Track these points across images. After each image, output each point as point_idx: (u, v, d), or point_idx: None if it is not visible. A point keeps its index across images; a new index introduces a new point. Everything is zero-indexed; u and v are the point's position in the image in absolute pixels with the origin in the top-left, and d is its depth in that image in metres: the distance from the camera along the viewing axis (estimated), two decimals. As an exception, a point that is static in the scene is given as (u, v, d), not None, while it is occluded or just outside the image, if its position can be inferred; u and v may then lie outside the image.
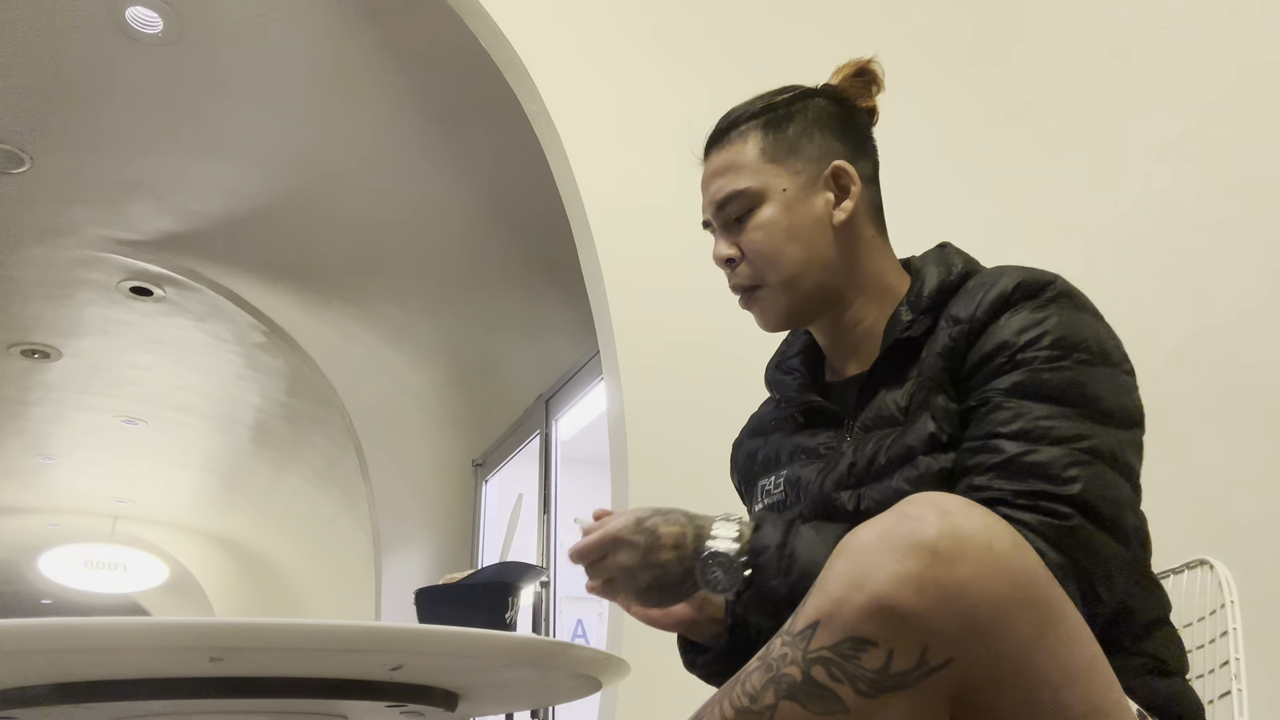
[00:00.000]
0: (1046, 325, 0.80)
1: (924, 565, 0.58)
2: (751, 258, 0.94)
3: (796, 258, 0.93)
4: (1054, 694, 0.60)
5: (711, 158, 1.00)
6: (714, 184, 0.98)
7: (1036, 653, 0.59)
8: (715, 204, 0.97)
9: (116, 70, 2.83)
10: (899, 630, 0.58)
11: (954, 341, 0.84)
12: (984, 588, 0.58)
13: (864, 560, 0.60)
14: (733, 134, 0.98)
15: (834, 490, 0.87)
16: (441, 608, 1.01)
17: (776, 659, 0.61)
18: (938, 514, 0.61)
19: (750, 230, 0.94)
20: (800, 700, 0.59)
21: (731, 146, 0.98)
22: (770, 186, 0.94)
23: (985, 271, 0.90)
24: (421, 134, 3.07)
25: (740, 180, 0.95)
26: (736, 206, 0.95)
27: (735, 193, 0.95)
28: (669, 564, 0.83)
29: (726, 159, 0.98)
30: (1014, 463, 0.75)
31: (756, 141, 0.96)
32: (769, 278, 0.94)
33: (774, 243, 0.93)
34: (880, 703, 0.58)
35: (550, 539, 3.78)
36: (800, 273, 0.93)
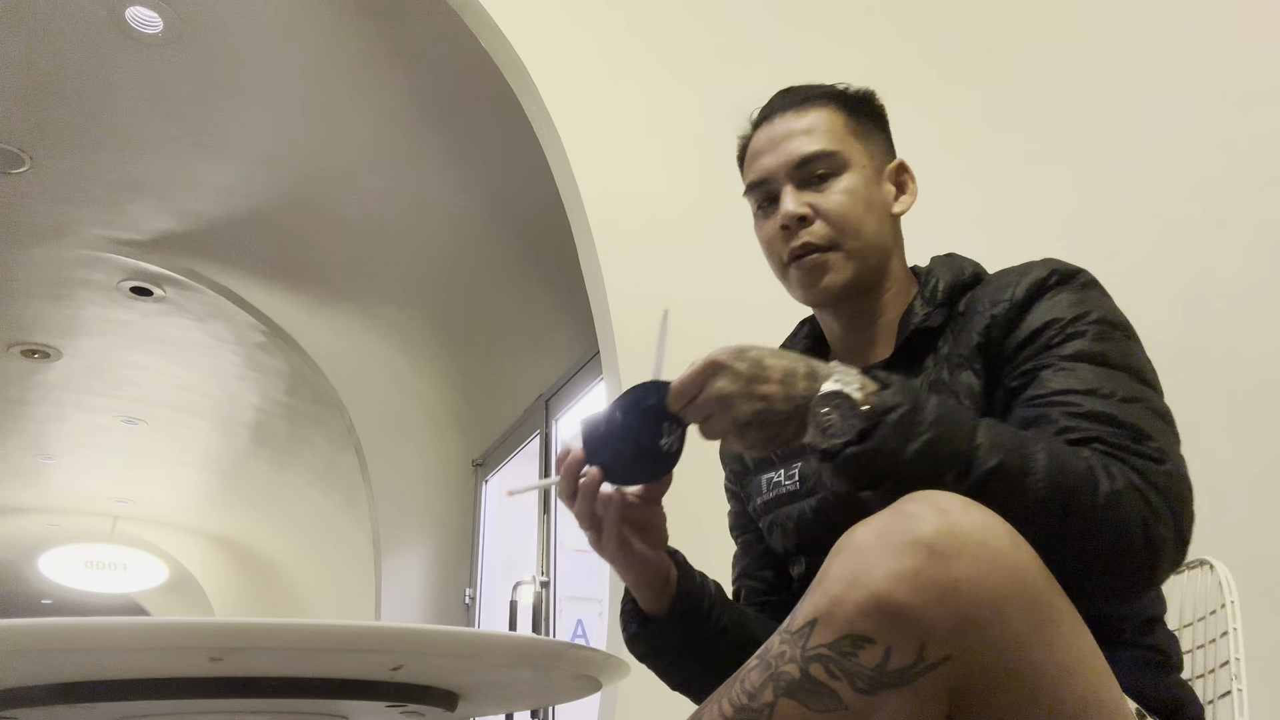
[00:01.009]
0: (1089, 304, 0.84)
1: (921, 562, 0.59)
2: (833, 219, 0.94)
3: (872, 231, 0.96)
4: (1051, 690, 0.60)
5: (783, 119, 0.99)
6: (792, 142, 0.97)
7: (1034, 649, 0.60)
8: (793, 160, 0.96)
9: (116, 70, 2.83)
10: (896, 627, 0.58)
11: (993, 320, 0.87)
12: (981, 584, 0.59)
13: (861, 558, 0.61)
14: (813, 102, 0.99)
15: None
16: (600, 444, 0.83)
17: (775, 657, 0.62)
18: (935, 511, 0.61)
19: (834, 192, 0.95)
20: (799, 698, 0.59)
21: (813, 112, 0.98)
22: (854, 158, 0.97)
23: (1010, 266, 0.93)
24: (421, 134, 3.07)
25: (828, 143, 0.96)
26: (820, 166, 0.95)
27: (822, 153, 0.96)
28: (774, 398, 0.74)
29: (809, 122, 0.98)
30: (1096, 415, 0.75)
31: (839, 115, 0.99)
32: (845, 242, 0.94)
33: (857, 210, 0.95)
34: (878, 699, 0.58)
35: (550, 539, 3.78)
36: (870, 246, 0.96)
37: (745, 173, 1.03)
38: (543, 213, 2.94)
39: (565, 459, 0.83)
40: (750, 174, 1.01)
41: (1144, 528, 0.68)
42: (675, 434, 0.81)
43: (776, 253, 0.98)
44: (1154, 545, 0.69)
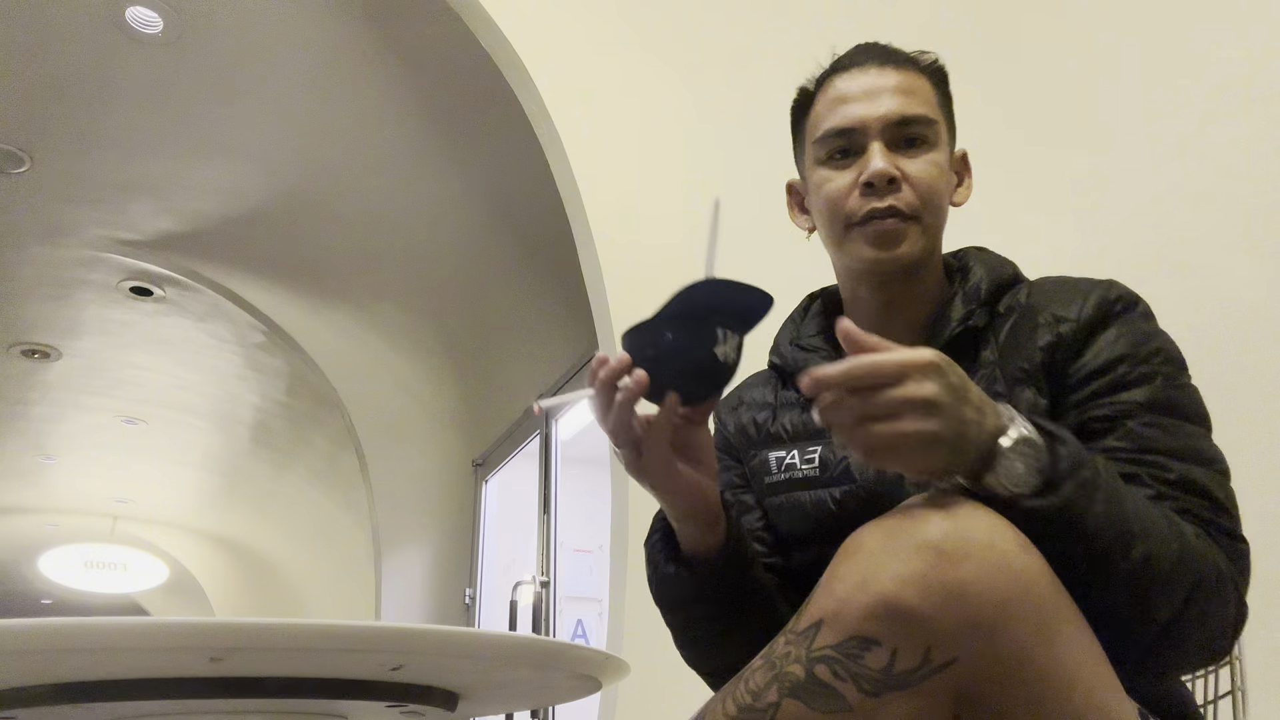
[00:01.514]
0: (1158, 340, 0.83)
1: (929, 565, 0.58)
2: (921, 189, 0.89)
3: (944, 211, 0.93)
4: (1057, 694, 0.60)
5: (879, 71, 0.92)
6: (891, 98, 0.90)
7: (1040, 653, 0.59)
8: (892, 116, 0.90)
9: (116, 70, 2.83)
10: (903, 630, 0.58)
11: (1059, 340, 0.84)
12: (988, 588, 0.58)
13: (869, 560, 0.60)
14: (909, 65, 0.93)
15: (899, 476, 0.84)
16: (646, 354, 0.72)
17: (780, 657, 0.62)
18: (943, 514, 0.61)
19: (927, 162, 0.90)
20: (803, 699, 0.59)
21: (913, 75, 0.93)
22: (942, 134, 0.93)
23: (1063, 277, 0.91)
24: (421, 134, 3.07)
25: (928, 110, 0.91)
26: (916, 131, 0.90)
27: (924, 118, 0.91)
28: (970, 424, 0.65)
29: (911, 82, 0.92)
30: (1186, 484, 0.75)
31: (932, 89, 0.94)
32: (926, 216, 0.90)
33: (940, 185, 0.91)
34: (883, 702, 0.58)
35: (550, 539, 3.78)
36: (939, 229, 0.92)
37: (818, 118, 0.94)
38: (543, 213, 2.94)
39: (602, 368, 0.73)
40: (832, 120, 0.92)
41: (1236, 609, 0.72)
42: (732, 343, 0.72)
43: (844, 209, 0.90)
44: (1237, 627, 0.73)
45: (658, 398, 0.73)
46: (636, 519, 2.05)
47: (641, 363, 0.71)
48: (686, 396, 0.74)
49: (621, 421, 0.74)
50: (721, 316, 0.72)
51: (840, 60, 0.96)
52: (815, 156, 0.94)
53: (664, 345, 0.71)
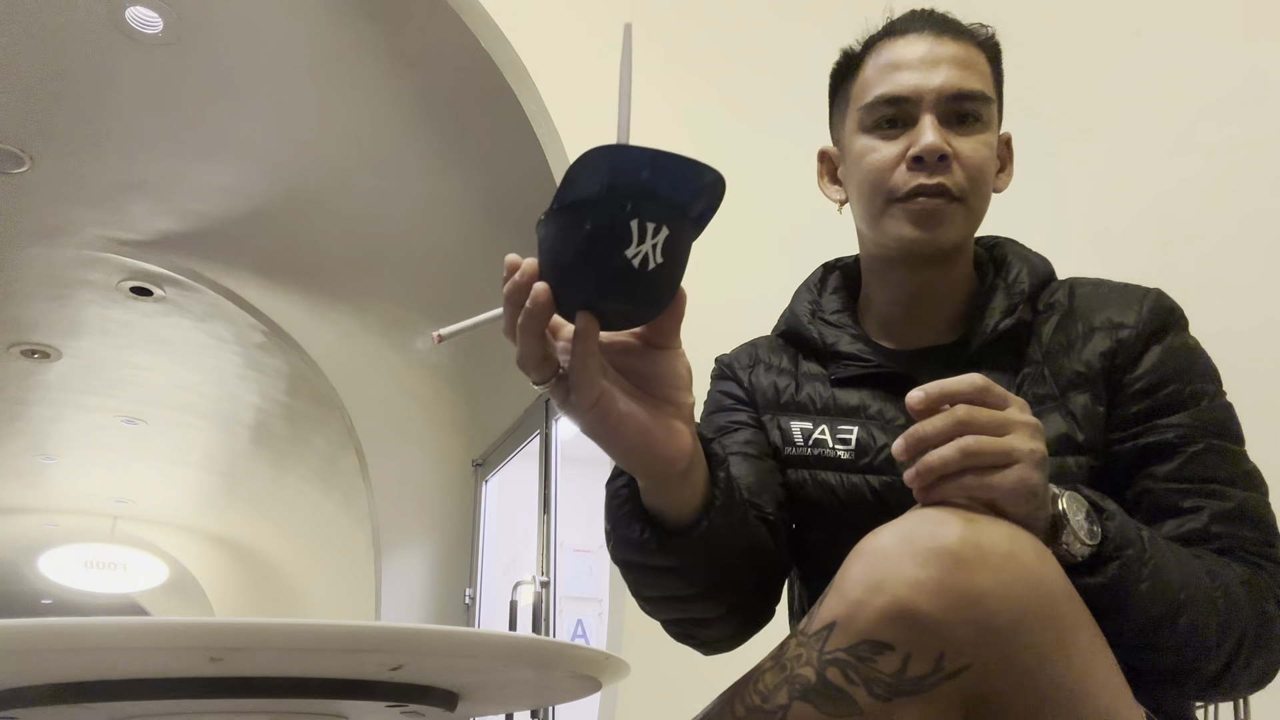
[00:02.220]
0: (1205, 358, 0.84)
1: (945, 571, 0.58)
2: (971, 170, 0.85)
3: (989, 197, 0.89)
4: (1069, 704, 0.59)
5: (937, 39, 0.87)
6: (950, 69, 0.85)
7: (1054, 663, 0.59)
8: (949, 89, 0.85)
9: (116, 70, 2.83)
10: (917, 635, 0.57)
11: (1119, 346, 0.83)
12: (1005, 596, 0.58)
13: (884, 563, 0.60)
14: (967, 38, 0.89)
15: None
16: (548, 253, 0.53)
17: (791, 659, 0.61)
18: (960, 519, 0.60)
19: (979, 143, 0.85)
20: (814, 701, 0.59)
21: (971, 47, 0.88)
22: (994, 115, 0.88)
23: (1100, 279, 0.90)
24: (421, 134, 3.07)
25: (985, 86, 0.87)
26: (972, 108, 0.86)
27: (981, 94, 0.86)
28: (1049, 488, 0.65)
29: (969, 55, 0.87)
30: (1240, 517, 0.78)
31: (988, 64, 0.90)
32: (972, 199, 0.86)
33: (989, 170, 0.87)
34: (894, 707, 0.58)
35: (550, 539, 3.78)
36: (982, 213, 0.88)
37: (867, 83, 0.89)
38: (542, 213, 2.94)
39: (512, 276, 0.56)
40: (884, 86, 0.87)
41: None
42: (658, 239, 0.51)
43: (888, 182, 0.86)
44: None
45: (568, 315, 0.56)
46: (636, 519, 2.04)
47: (544, 262, 0.53)
48: (603, 316, 0.55)
49: (529, 349, 0.57)
50: (638, 202, 0.52)
51: (894, 24, 0.91)
52: (860, 123, 0.89)
53: (560, 239, 0.52)
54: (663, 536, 0.72)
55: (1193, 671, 0.71)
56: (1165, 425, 0.81)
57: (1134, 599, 0.67)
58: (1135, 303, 0.85)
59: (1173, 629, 0.69)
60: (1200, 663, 0.71)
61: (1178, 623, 0.69)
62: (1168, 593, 0.68)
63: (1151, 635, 0.69)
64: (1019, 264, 0.91)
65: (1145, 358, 0.83)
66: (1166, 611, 0.69)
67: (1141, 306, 0.85)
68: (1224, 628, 0.71)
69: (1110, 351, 0.84)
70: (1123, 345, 0.83)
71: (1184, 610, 0.69)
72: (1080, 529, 0.66)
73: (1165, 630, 0.69)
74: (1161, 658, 0.70)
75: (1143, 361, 0.83)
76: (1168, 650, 0.70)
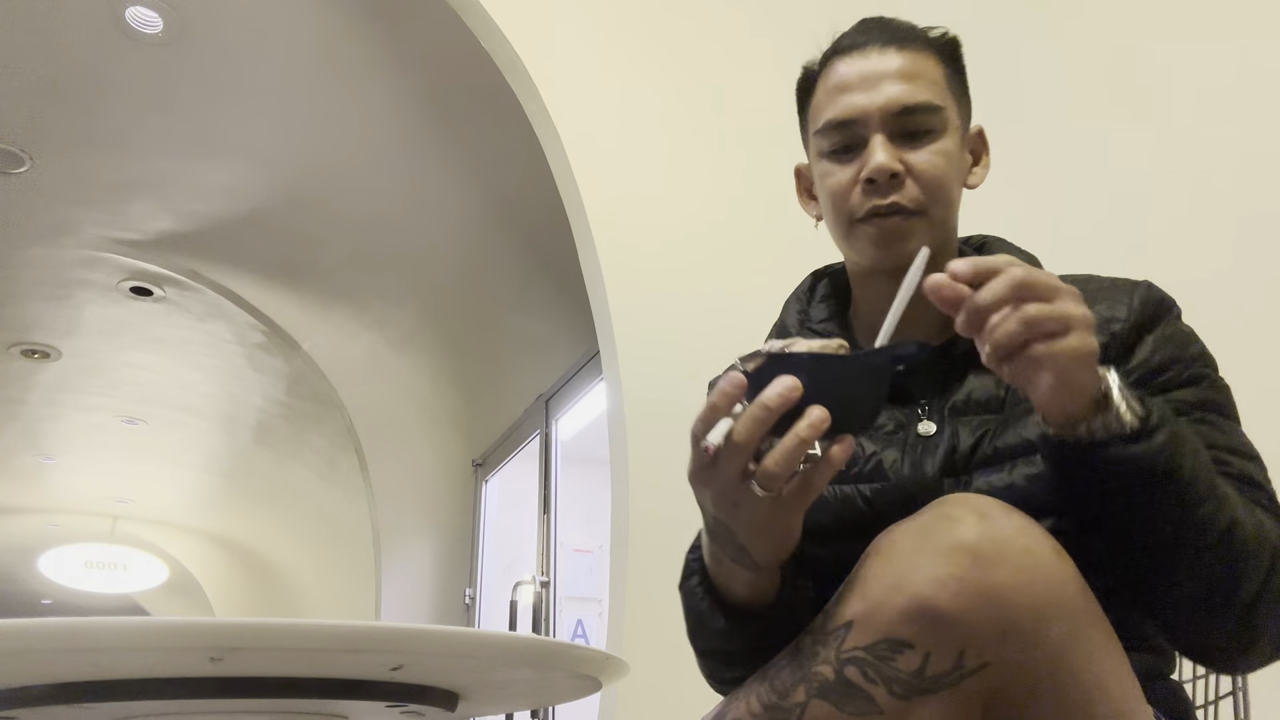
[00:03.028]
0: (1199, 343, 0.84)
1: (964, 568, 0.58)
2: (926, 182, 0.84)
3: (954, 201, 0.88)
4: (1085, 701, 0.59)
5: (880, 54, 0.87)
6: (892, 84, 0.85)
7: (1070, 658, 0.59)
8: (893, 106, 0.84)
9: (116, 70, 2.83)
10: (936, 633, 0.57)
11: (1113, 339, 0.83)
12: (1024, 592, 0.58)
13: (902, 561, 0.60)
14: (914, 44, 0.88)
15: (939, 477, 0.82)
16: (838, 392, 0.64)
17: (808, 657, 0.61)
18: (977, 516, 0.60)
19: (932, 153, 0.85)
20: (832, 699, 0.59)
21: (915, 55, 0.87)
22: (951, 118, 0.87)
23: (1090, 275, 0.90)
24: (421, 134, 3.07)
25: (932, 95, 0.86)
26: (921, 120, 0.85)
27: (929, 105, 0.85)
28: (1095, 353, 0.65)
29: (914, 65, 0.86)
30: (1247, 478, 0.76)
31: (941, 67, 0.88)
32: (934, 210, 0.85)
33: (949, 177, 0.86)
34: (913, 705, 0.57)
35: (550, 539, 3.78)
36: (950, 219, 0.88)
37: (819, 107, 0.90)
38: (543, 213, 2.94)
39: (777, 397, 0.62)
40: (832, 110, 0.87)
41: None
42: None
43: (848, 206, 0.86)
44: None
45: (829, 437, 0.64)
46: (636, 519, 2.05)
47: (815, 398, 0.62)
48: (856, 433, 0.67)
49: (796, 457, 0.62)
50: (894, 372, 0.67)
51: (841, 40, 0.91)
52: (818, 148, 0.90)
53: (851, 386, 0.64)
54: (745, 618, 0.76)
55: (1232, 586, 0.68)
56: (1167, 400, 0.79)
57: (1183, 469, 0.66)
58: (1125, 296, 0.85)
59: (1214, 523, 0.67)
60: (1240, 572, 0.67)
61: (1219, 516, 0.67)
62: (1209, 478, 0.67)
63: (1196, 528, 0.67)
64: None
65: (1140, 349, 0.83)
66: (1210, 497, 0.67)
67: (1132, 299, 0.84)
68: (1259, 536, 0.69)
69: (1103, 347, 0.82)
70: (1115, 339, 0.82)
71: (1225, 505, 0.67)
72: (1129, 397, 0.66)
73: (1209, 524, 0.67)
74: (1205, 562, 0.67)
75: (1137, 352, 0.82)
76: (1211, 550, 0.67)
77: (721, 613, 0.77)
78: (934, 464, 0.81)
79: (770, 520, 0.67)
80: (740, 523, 0.68)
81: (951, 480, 0.81)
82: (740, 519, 0.67)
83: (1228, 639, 0.70)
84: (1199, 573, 0.68)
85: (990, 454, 0.80)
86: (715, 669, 0.84)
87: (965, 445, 0.81)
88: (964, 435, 0.81)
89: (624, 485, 2.08)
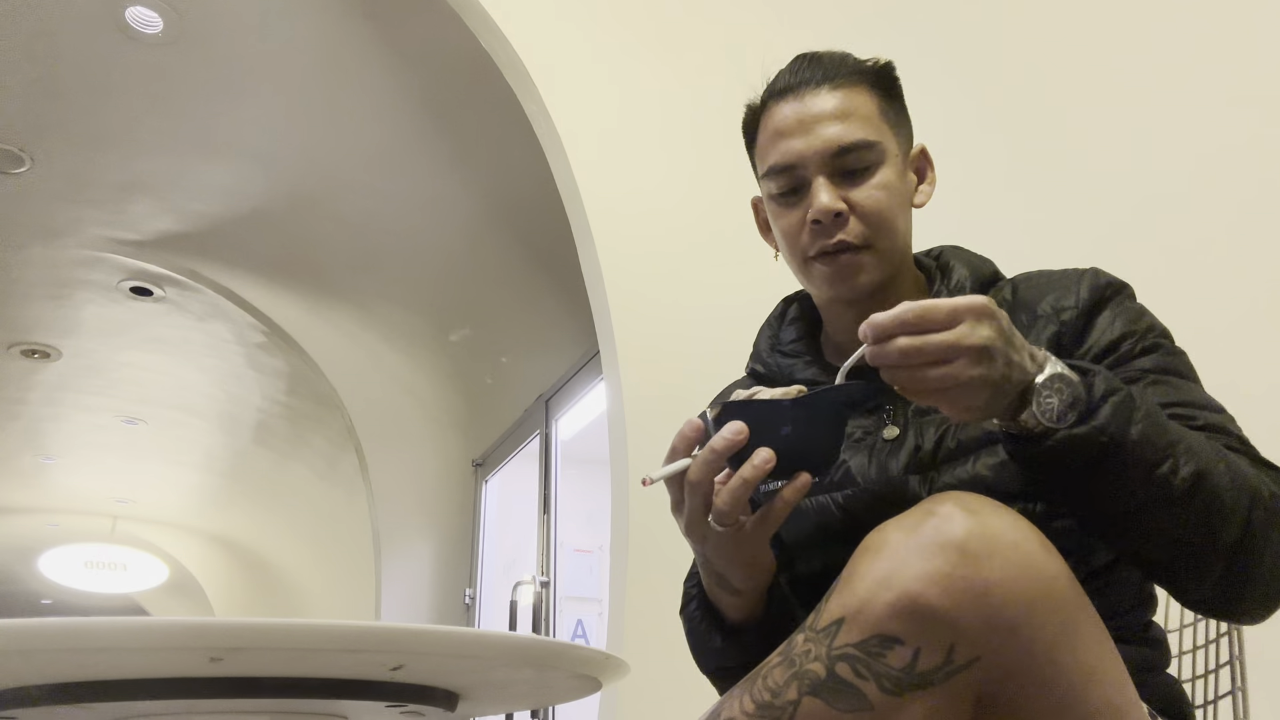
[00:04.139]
0: (1150, 316, 0.87)
1: (953, 564, 0.58)
2: (870, 217, 0.88)
3: (902, 229, 0.91)
4: (1076, 695, 0.60)
5: (814, 95, 0.90)
6: (827, 127, 0.88)
7: (1061, 653, 0.59)
8: (830, 149, 0.88)
9: (116, 70, 2.83)
10: (926, 629, 0.58)
11: (1063, 327, 0.85)
12: (1013, 587, 0.59)
13: (892, 557, 0.60)
14: (847, 80, 0.90)
15: (904, 476, 0.84)
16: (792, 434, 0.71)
17: (800, 655, 0.61)
18: (965, 513, 0.61)
19: (873, 188, 0.88)
20: (823, 697, 0.59)
21: (848, 92, 0.90)
22: (889, 148, 0.90)
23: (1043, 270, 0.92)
24: (421, 134, 3.07)
25: (867, 131, 0.89)
26: (859, 159, 0.88)
27: (864, 143, 0.88)
28: (1016, 366, 0.68)
29: (845, 104, 0.89)
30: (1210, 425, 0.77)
31: (873, 98, 0.91)
32: (880, 242, 0.88)
33: (892, 207, 0.89)
34: (904, 701, 0.58)
35: (550, 539, 3.78)
36: (899, 245, 0.91)
37: (763, 150, 0.93)
38: (543, 213, 2.94)
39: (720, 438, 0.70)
40: (774, 156, 0.91)
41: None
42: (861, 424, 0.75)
43: (799, 246, 0.90)
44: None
45: (783, 475, 0.72)
46: (636, 519, 2.05)
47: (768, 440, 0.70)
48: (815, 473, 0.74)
49: (741, 496, 0.71)
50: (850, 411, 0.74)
51: (777, 81, 0.94)
52: (766, 190, 0.94)
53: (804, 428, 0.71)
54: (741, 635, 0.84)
55: (1210, 535, 0.69)
56: (1121, 372, 0.82)
57: (1130, 442, 0.67)
58: (1074, 284, 0.88)
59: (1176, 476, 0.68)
60: (1215, 522, 0.68)
61: (1180, 471, 0.68)
62: (1164, 438, 0.69)
63: (1158, 487, 0.68)
64: (961, 268, 0.94)
65: (1092, 330, 0.85)
66: (1167, 457, 0.68)
67: (1080, 287, 0.87)
68: (1232, 484, 0.69)
69: (1056, 335, 0.86)
70: (1066, 326, 0.85)
71: (1185, 458, 0.68)
72: (1045, 407, 0.68)
73: (1170, 480, 0.68)
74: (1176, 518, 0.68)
75: (1090, 334, 0.85)
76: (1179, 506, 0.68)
77: (719, 633, 0.85)
78: (899, 464, 0.85)
79: (737, 551, 0.76)
80: (712, 553, 0.77)
81: (919, 478, 0.83)
82: (711, 550, 0.77)
83: (1221, 586, 0.71)
84: (1173, 528, 0.69)
85: (954, 448, 0.83)
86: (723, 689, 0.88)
87: (929, 444, 0.84)
88: (927, 435, 0.85)
89: (624, 485, 2.08)
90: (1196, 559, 0.70)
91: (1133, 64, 1.82)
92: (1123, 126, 1.81)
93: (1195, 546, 0.70)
